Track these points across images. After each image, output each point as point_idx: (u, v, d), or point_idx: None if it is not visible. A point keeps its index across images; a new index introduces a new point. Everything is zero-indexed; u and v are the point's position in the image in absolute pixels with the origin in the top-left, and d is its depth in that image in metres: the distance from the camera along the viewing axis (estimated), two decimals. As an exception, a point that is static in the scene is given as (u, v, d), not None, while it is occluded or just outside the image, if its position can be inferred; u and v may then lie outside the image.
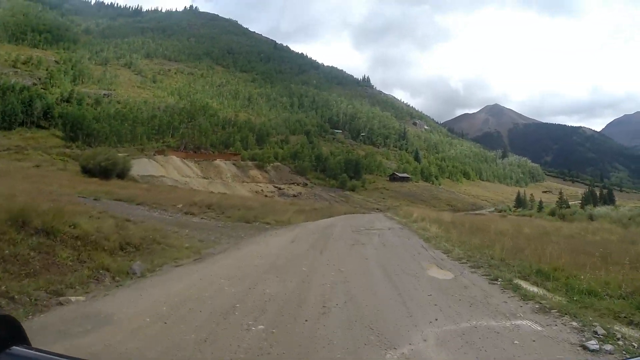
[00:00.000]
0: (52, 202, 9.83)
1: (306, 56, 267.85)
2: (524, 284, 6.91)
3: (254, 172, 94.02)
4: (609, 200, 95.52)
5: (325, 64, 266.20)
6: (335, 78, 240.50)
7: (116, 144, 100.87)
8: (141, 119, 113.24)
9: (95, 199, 17.45)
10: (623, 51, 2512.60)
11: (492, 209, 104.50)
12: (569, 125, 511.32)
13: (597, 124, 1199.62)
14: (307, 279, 7.36)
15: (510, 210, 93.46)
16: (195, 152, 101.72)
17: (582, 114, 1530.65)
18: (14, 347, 1.12)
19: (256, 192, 78.13)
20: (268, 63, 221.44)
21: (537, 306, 5.68)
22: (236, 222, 16.14)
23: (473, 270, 8.43)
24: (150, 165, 76.24)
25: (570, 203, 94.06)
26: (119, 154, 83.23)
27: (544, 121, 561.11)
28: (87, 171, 41.46)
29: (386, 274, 7.94)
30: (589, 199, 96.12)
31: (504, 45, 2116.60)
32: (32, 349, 1.17)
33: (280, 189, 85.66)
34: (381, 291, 6.61)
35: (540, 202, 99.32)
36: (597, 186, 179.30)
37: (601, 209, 63.69)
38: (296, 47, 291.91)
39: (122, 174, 46.03)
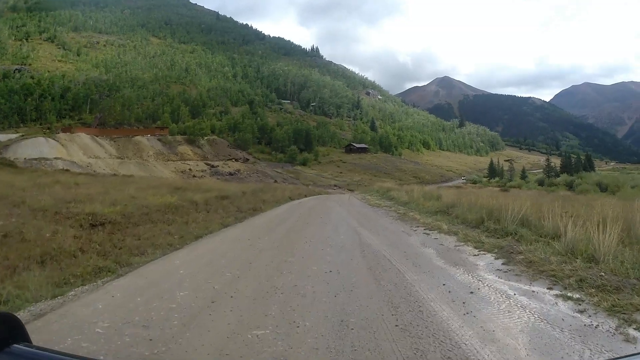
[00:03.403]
0: None
1: (251, 27, 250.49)
2: None
3: (184, 148, 79.55)
4: (588, 166, 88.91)
5: (272, 35, 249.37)
6: (283, 49, 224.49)
7: (17, 123, 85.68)
8: (52, 93, 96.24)
9: None
10: (566, 26, 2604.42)
11: (464, 179, 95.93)
12: (519, 96, 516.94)
13: (545, 95, 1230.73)
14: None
15: (483, 180, 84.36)
16: (117, 128, 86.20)
17: (529, 85, 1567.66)
18: (15, 345, 1.10)
19: (182, 171, 64.62)
20: (209, 34, 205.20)
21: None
22: None
23: None
24: (47, 145, 62.40)
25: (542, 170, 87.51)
26: (12, 135, 69.48)
27: (494, 92, 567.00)
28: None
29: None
30: (567, 167, 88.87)
31: (452, 18, 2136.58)
32: (32, 347, 1.14)
33: (213, 166, 72.03)
34: None
35: (524, 170, 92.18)
36: (554, 154, 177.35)
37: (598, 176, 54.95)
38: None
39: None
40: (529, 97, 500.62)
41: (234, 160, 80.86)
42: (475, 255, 7.24)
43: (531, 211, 8.97)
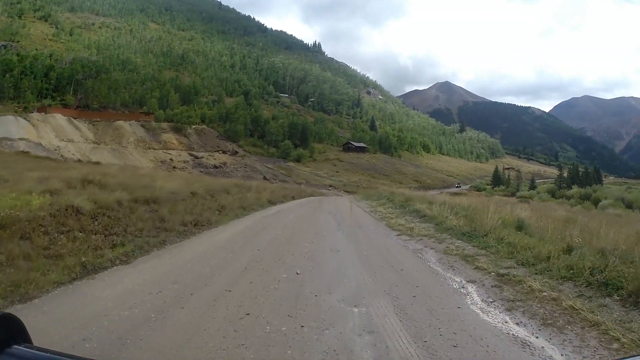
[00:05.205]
0: None
1: (253, 19, 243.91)
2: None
3: (168, 136, 73.86)
4: (596, 179, 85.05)
5: (274, 29, 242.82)
6: (284, 42, 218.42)
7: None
8: (34, 71, 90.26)
9: None
10: (568, 38, 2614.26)
11: (458, 186, 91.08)
12: (518, 105, 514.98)
13: (545, 105, 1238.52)
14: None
15: (487, 188, 79.81)
16: (100, 111, 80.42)
17: (529, 95, 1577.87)
18: (15, 346, 1.08)
19: (162, 161, 59.08)
20: (210, 23, 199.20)
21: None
22: None
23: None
24: (17, 125, 56.83)
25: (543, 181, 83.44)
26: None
27: (493, 100, 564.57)
28: None
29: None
30: (575, 178, 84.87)
31: (454, 23, 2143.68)
32: (34, 348, 1.13)
33: (197, 157, 66.45)
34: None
35: (533, 180, 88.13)
36: (552, 164, 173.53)
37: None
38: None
39: None
40: (529, 107, 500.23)
41: (221, 152, 75.21)
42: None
43: None
